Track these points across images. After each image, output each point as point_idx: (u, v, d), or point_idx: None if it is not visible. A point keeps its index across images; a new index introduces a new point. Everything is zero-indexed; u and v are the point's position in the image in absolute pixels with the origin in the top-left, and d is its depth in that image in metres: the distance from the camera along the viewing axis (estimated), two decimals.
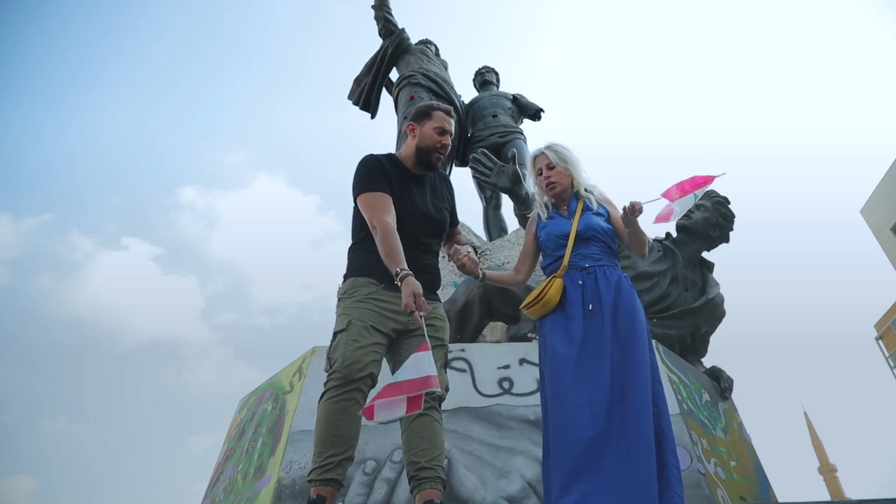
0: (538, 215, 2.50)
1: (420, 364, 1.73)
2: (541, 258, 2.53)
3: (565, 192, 2.44)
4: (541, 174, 2.45)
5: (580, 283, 2.21)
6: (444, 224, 2.38)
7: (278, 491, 2.52)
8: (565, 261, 2.27)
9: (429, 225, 2.27)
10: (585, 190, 2.44)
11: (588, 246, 2.28)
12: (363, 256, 2.19)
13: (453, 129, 2.35)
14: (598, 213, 2.37)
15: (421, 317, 1.88)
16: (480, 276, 2.30)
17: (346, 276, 2.23)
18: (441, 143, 2.27)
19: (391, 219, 2.08)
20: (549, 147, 2.48)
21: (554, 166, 2.42)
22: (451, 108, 2.56)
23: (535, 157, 2.50)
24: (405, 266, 1.95)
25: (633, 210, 2.20)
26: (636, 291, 2.27)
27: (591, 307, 2.15)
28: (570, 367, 2.07)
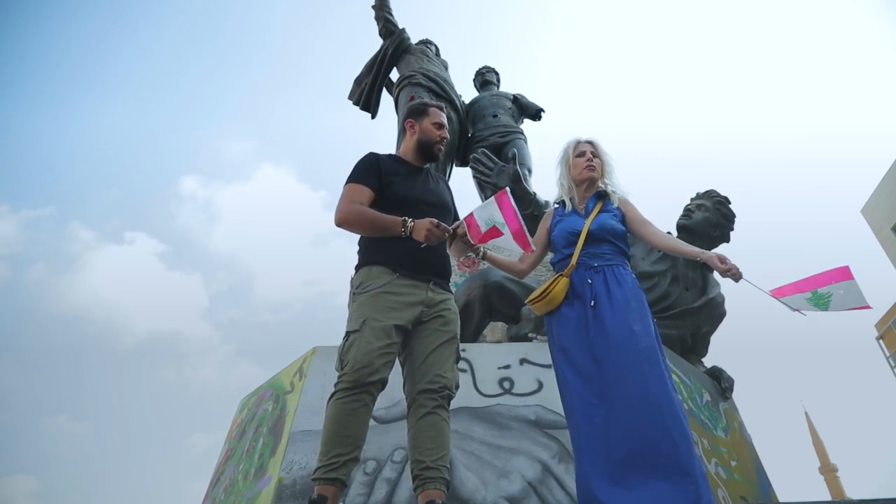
0: (555, 209, 2.52)
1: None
2: (550, 254, 2.53)
3: (593, 184, 2.47)
4: (582, 156, 2.47)
5: (589, 281, 2.20)
6: (451, 211, 2.43)
7: (279, 491, 2.52)
8: (574, 259, 2.26)
9: (440, 212, 2.28)
10: (611, 191, 2.46)
11: (599, 245, 2.27)
12: (376, 243, 2.20)
13: (447, 123, 2.49)
14: (614, 215, 2.37)
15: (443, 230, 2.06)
16: (481, 253, 2.29)
17: (358, 266, 2.22)
18: (440, 137, 2.42)
19: (359, 205, 2.17)
20: (596, 140, 2.55)
21: (597, 155, 2.49)
22: (444, 104, 2.69)
23: (580, 142, 2.53)
24: (401, 218, 2.09)
25: (733, 276, 2.10)
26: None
27: (593, 303, 2.14)
28: (577, 361, 2.09)
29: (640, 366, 1.99)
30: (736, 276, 2.09)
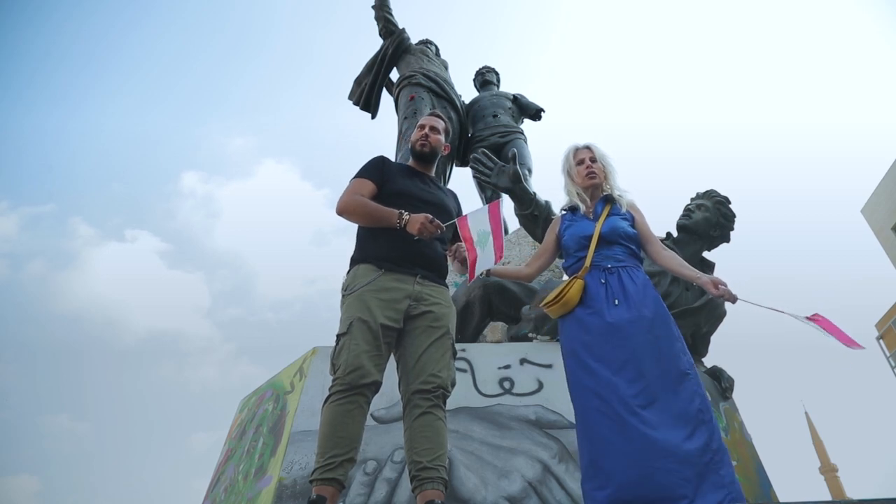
0: (563, 215, 2.53)
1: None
2: (560, 259, 2.54)
3: (598, 189, 2.48)
4: (582, 163, 2.49)
5: (603, 281, 2.20)
6: (451, 213, 2.45)
7: (279, 491, 2.52)
8: (587, 262, 2.26)
9: (436, 211, 2.29)
10: (618, 195, 2.46)
11: (611, 248, 2.28)
12: (364, 240, 2.28)
13: (440, 123, 2.56)
14: (624, 218, 2.38)
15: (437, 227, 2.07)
16: (484, 272, 2.29)
17: (350, 266, 2.28)
18: (422, 134, 2.51)
19: (360, 196, 2.24)
20: (593, 144, 2.56)
21: (596, 160, 2.50)
22: (444, 105, 2.77)
23: (578, 149, 2.56)
24: (397, 210, 2.12)
25: (728, 300, 2.11)
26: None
27: (616, 302, 2.13)
28: (591, 364, 2.06)
29: (665, 367, 1.99)
30: (731, 299, 2.11)
